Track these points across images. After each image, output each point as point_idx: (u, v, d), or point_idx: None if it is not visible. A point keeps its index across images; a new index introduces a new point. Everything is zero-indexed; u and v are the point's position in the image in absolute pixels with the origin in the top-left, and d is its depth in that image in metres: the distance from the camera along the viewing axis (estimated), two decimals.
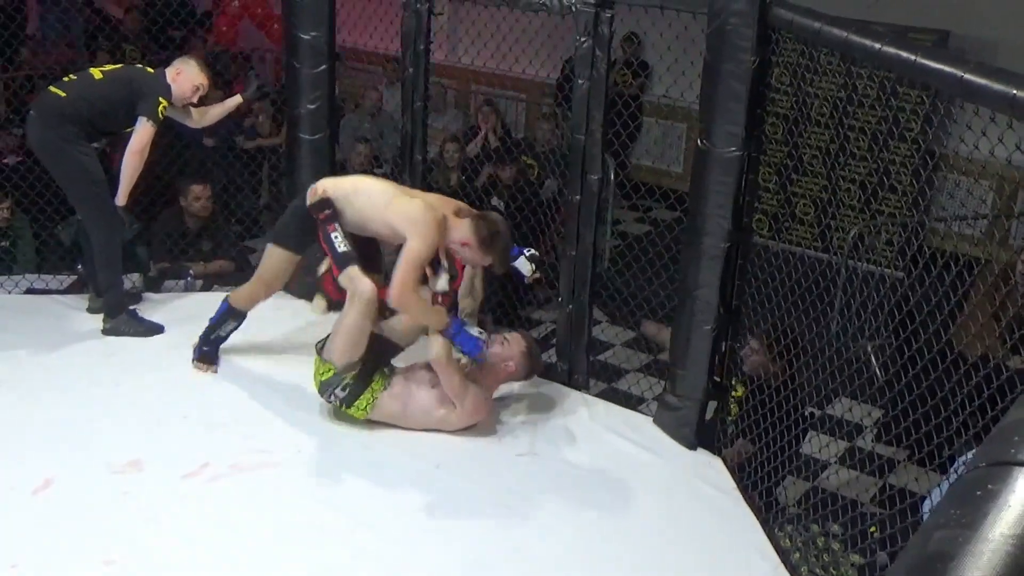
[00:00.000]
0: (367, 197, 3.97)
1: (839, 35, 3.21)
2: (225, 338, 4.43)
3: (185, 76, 4.55)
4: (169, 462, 3.72)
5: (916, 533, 1.10)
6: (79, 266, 5.49)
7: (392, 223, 3.88)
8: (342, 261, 3.86)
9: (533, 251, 4.24)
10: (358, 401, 3.91)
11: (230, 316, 4.38)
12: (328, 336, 3.94)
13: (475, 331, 3.97)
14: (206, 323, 4.41)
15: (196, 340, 4.43)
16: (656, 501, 3.74)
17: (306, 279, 5.11)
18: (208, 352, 4.41)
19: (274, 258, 4.22)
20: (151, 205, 5.80)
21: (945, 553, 1.02)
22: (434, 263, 4.00)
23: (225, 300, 4.39)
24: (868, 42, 3.08)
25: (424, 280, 3.98)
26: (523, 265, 4.18)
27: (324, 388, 3.93)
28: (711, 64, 3.74)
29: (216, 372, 4.38)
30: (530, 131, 8.70)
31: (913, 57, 2.86)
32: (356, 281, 3.82)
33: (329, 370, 3.89)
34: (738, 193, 3.78)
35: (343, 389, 3.90)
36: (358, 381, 3.89)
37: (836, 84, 6.79)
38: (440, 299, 4.05)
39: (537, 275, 4.23)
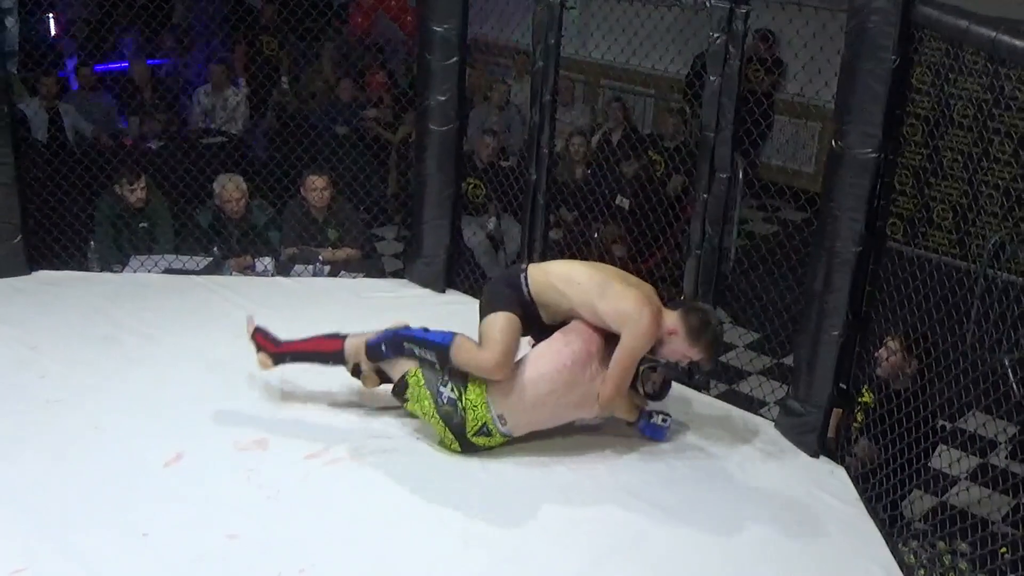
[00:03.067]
0: (579, 287, 3.76)
1: (987, 35, 3.08)
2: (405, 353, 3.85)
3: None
4: (292, 442, 3.82)
5: None
6: (215, 248, 5.69)
7: (605, 316, 3.71)
8: None
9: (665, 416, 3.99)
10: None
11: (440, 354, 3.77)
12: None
13: (659, 419, 3.89)
14: (344, 311, 4.22)
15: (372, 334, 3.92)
16: (775, 509, 3.66)
17: (428, 268, 5.19)
18: (382, 352, 3.86)
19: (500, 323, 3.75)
20: (284, 191, 5.97)
21: None
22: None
23: (451, 335, 3.79)
24: (1018, 42, 2.95)
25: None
26: (656, 430, 3.96)
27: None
28: (849, 63, 3.64)
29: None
30: (657, 127, 8.61)
31: None
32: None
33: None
34: (872, 196, 3.66)
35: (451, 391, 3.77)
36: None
37: (981, 85, 6.52)
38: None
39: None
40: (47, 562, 3.13)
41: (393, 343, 3.82)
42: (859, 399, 4.05)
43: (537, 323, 3.83)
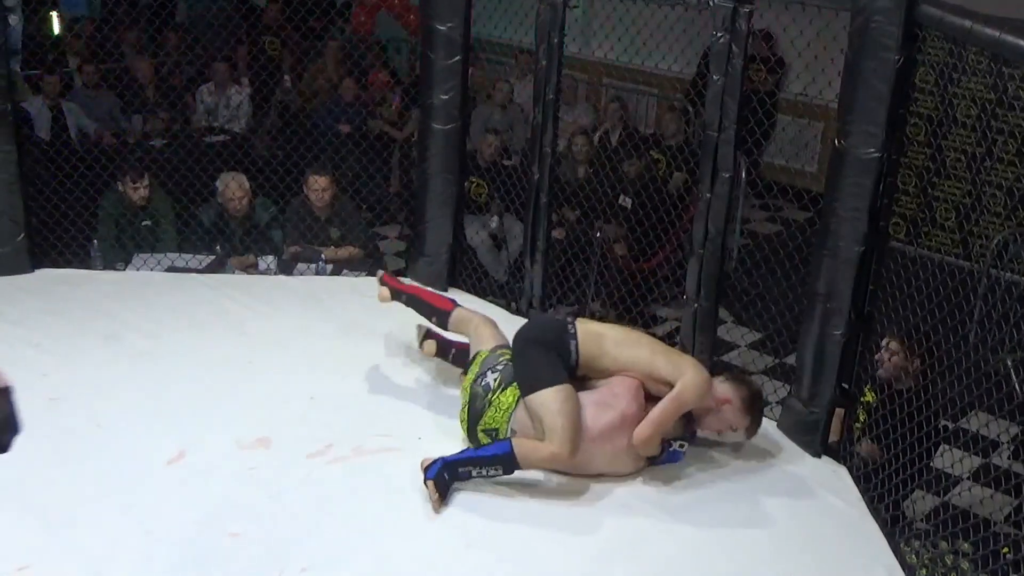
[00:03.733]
0: (637, 347, 3.75)
1: (991, 34, 3.08)
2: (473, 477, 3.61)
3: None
4: (295, 441, 3.83)
5: None
6: (217, 247, 5.70)
7: (662, 369, 3.68)
8: None
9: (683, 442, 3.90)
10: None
11: (504, 464, 3.58)
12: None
13: (676, 445, 3.82)
14: (347, 310, 4.29)
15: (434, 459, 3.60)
16: (777, 508, 3.66)
17: (431, 267, 5.19)
18: (445, 481, 3.55)
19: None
20: (286, 189, 5.97)
21: None
22: None
23: (507, 442, 3.59)
24: (1023, 42, 2.95)
25: None
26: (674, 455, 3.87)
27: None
28: (852, 62, 3.63)
29: (441, 505, 3.52)
30: (659, 126, 8.61)
31: None
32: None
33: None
34: (875, 196, 3.66)
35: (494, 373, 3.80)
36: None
37: (985, 85, 6.51)
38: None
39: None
40: (51, 559, 3.14)
41: (451, 470, 3.55)
42: (861, 399, 4.05)
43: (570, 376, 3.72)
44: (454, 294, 5.18)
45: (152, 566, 3.16)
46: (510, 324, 4.90)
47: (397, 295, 4.35)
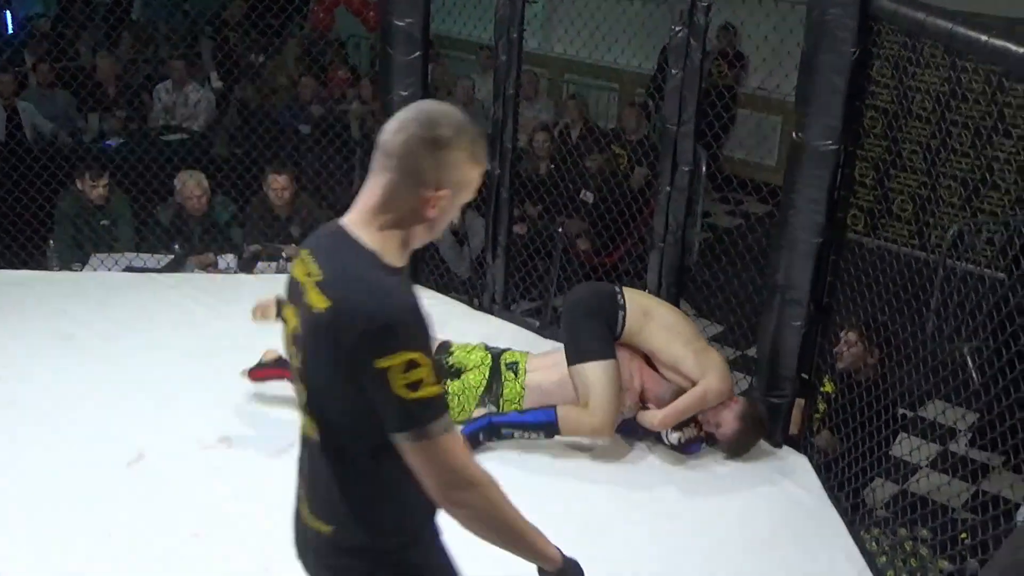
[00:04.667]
0: (679, 337, 3.86)
1: (944, 27, 3.11)
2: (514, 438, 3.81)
3: None
4: (257, 440, 3.80)
5: (1008, 539, 1.07)
6: (176, 246, 5.64)
7: (687, 361, 3.81)
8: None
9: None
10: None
11: (547, 430, 3.79)
12: None
13: (674, 438, 3.87)
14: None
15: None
16: (739, 498, 3.69)
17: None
18: (479, 441, 3.77)
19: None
20: (246, 188, 5.93)
21: None
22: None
23: (552, 411, 3.78)
24: (974, 34, 2.98)
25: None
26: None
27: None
28: (809, 55, 3.66)
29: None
30: (620, 121, 8.65)
31: (1021, 50, 2.76)
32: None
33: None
34: (833, 188, 3.69)
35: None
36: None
37: (940, 77, 6.59)
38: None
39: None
40: (10, 562, 3.10)
41: (492, 431, 3.77)
42: (821, 389, 4.08)
43: None
44: (416, 290, 5.17)
45: (113, 567, 3.12)
46: (473, 320, 4.92)
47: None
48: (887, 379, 3.95)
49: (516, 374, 3.91)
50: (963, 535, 3.33)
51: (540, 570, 2.06)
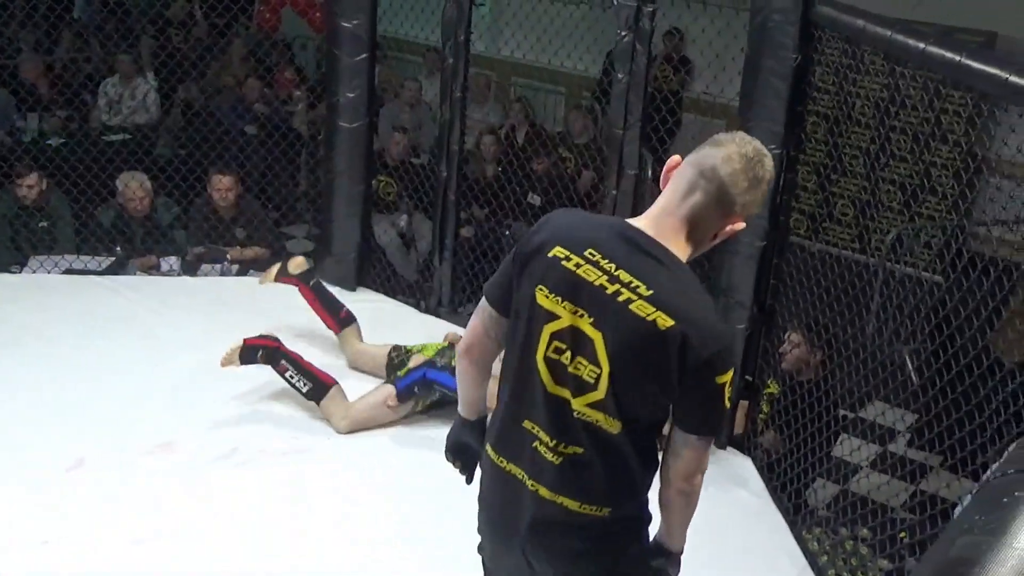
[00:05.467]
0: None
1: (882, 34, 3.17)
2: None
3: None
4: (200, 445, 3.76)
5: (940, 537, 1.09)
6: (118, 248, 5.55)
7: None
8: None
9: None
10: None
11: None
12: None
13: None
14: (252, 310, 4.37)
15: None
16: None
17: (339, 266, 5.15)
18: (415, 393, 4.05)
19: None
20: (189, 189, 5.85)
21: (969, 559, 1.00)
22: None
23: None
24: (912, 41, 3.04)
25: None
26: None
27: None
28: (752, 60, 3.71)
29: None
30: (567, 124, 8.67)
31: (957, 58, 2.82)
32: None
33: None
34: (776, 191, 3.74)
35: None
36: None
37: (880, 84, 6.70)
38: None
39: None
40: None
41: (424, 384, 3.97)
42: (765, 390, 4.13)
43: None
44: (363, 293, 5.16)
45: None
46: (421, 323, 4.91)
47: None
48: (829, 380, 4.00)
49: None
50: (902, 534, 3.38)
51: (660, 546, 2.31)
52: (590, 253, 1.98)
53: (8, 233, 5.63)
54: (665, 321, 1.92)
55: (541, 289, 2.02)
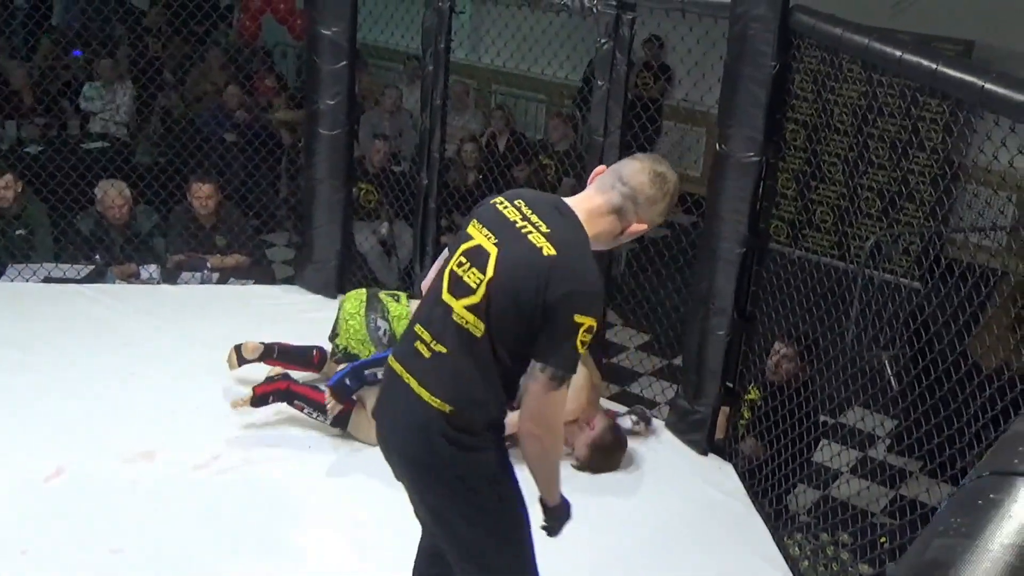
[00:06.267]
0: None
1: (860, 42, 3.19)
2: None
3: None
4: (180, 453, 3.74)
5: (916, 540, 1.09)
6: (97, 256, 5.52)
7: None
8: None
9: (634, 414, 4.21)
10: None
11: None
12: None
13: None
14: (233, 319, 4.31)
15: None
16: (666, 505, 3.73)
17: (319, 274, 5.13)
18: (347, 387, 3.80)
19: None
20: (169, 197, 5.83)
21: (943, 561, 1.01)
22: None
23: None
24: (889, 49, 3.06)
25: None
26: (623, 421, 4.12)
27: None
28: (731, 68, 3.73)
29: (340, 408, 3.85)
30: (547, 132, 8.70)
31: (934, 66, 2.84)
32: None
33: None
34: (755, 199, 3.76)
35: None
36: None
37: (858, 92, 6.75)
38: None
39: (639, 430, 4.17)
40: None
41: (354, 374, 3.76)
42: (746, 397, 4.15)
43: None
44: None
45: None
46: None
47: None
48: (809, 386, 4.02)
49: (399, 300, 3.97)
50: (882, 539, 3.39)
51: (540, 500, 2.54)
52: (519, 203, 2.40)
53: None
54: (549, 250, 2.27)
55: (474, 224, 2.40)
